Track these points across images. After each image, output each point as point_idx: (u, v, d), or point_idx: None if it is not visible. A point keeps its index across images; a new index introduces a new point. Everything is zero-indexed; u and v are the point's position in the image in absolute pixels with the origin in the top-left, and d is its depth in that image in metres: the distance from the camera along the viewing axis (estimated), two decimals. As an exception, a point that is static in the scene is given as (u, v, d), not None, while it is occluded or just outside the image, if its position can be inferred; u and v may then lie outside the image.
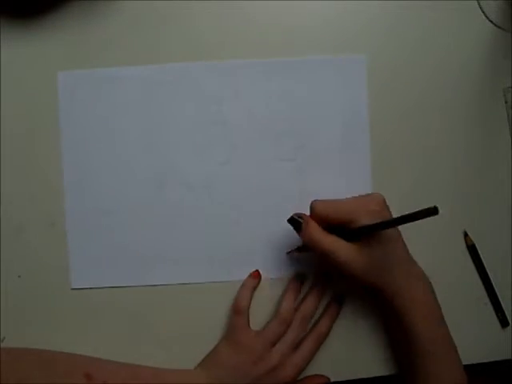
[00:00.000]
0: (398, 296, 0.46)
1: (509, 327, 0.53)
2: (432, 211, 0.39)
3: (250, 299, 0.51)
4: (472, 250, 0.53)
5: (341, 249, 0.45)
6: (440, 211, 0.38)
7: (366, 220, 0.45)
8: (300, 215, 0.48)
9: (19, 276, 0.52)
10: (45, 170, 0.52)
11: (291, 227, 0.48)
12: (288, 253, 0.52)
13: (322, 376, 0.52)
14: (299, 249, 0.51)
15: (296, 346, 0.50)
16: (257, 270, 0.52)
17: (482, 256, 0.52)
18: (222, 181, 0.52)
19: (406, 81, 0.53)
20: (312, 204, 0.47)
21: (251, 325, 0.50)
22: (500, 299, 0.53)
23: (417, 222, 0.52)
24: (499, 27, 0.52)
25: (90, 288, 0.52)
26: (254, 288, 0.52)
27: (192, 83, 0.52)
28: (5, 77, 0.52)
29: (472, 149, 0.53)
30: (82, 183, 0.52)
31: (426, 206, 0.52)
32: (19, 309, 0.52)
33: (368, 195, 0.47)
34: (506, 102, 0.53)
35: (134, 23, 0.52)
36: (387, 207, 0.47)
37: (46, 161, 0.52)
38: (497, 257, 0.53)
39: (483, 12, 0.52)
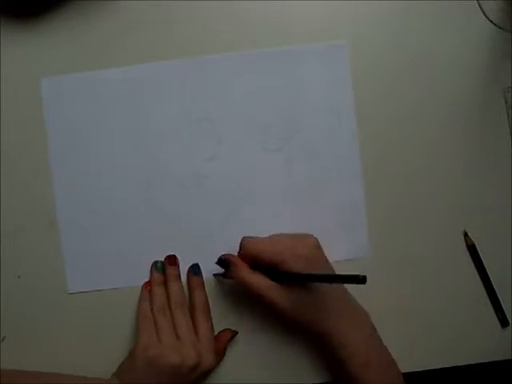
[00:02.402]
0: (334, 341, 0.45)
1: (509, 327, 0.53)
2: (360, 280, 0.38)
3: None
4: (472, 250, 0.53)
5: (268, 289, 0.45)
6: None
7: (292, 263, 0.44)
8: (229, 256, 0.48)
9: (19, 276, 0.52)
10: (40, 171, 0.52)
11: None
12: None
13: (229, 330, 0.51)
14: (225, 275, 0.50)
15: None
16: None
17: (481, 256, 0.52)
18: (210, 176, 0.52)
19: (402, 83, 0.53)
20: (242, 242, 0.48)
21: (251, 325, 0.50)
22: (500, 299, 0.53)
23: (417, 221, 0.53)
24: (499, 27, 0.52)
25: (87, 291, 0.52)
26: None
27: (175, 80, 0.52)
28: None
29: (472, 149, 0.53)
30: (72, 187, 0.52)
31: (420, 203, 0.52)
32: (19, 309, 0.52)
33: (300, 236, 0.46)
34: (506, 102, 0.53)
35: (116, 25, 0.52)
36: (319, 251, 0.46)
37: (39, 163, 0.52)
38: (497, 257, 0.53)
39: (483, 12, 0.52)
